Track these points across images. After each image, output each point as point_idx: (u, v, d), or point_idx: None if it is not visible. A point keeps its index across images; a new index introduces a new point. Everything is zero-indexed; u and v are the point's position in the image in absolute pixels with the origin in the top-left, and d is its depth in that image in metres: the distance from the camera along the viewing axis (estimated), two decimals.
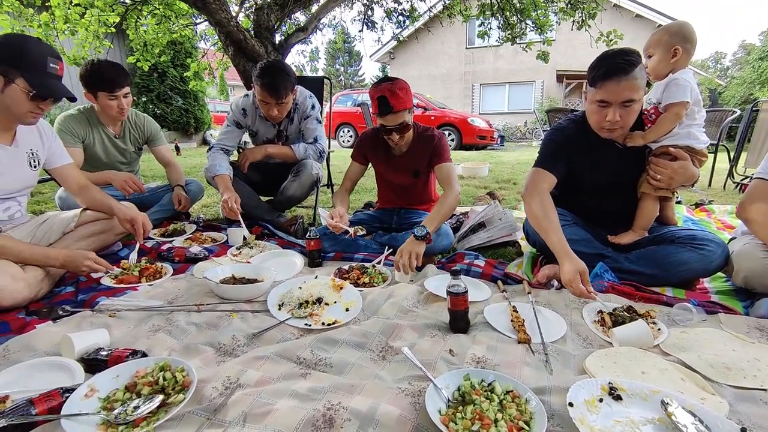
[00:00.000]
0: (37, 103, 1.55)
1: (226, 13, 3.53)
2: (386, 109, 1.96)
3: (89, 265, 1.61)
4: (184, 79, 8.75)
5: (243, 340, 1.30)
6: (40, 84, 1.51)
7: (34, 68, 1.51)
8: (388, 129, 2.03)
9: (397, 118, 1.99)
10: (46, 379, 1.09)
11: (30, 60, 1.50)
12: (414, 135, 2.19)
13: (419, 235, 1.81)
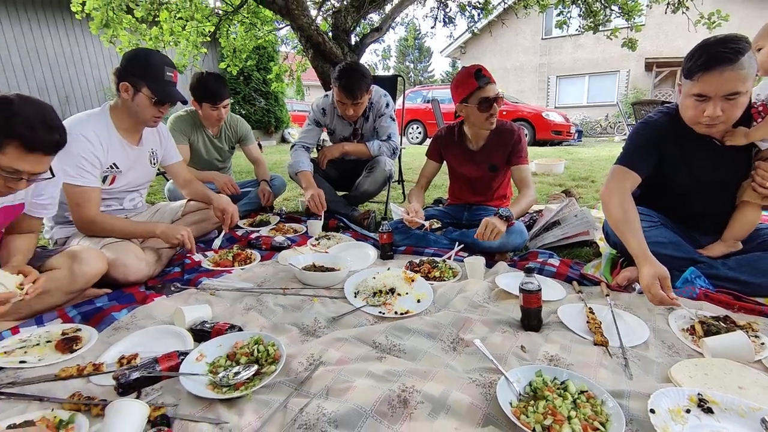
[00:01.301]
0: (158, 108, 1.80)
1: (307, 18, 3.75)
2: (484, 80, 2.03)
3: (183, 235, 1.79)
4: (267, 82, 9.38)
5: (323, 323, 1.42)
6: (161, 91, 1.76)
7: (155, 78, 1.75)
8: (490, 100, 2.04)
9: (495, 90, 2.05)
10: (164, 343, 1.29)
11: (152, 71, 1.75)
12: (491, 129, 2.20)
13: (504, 214, 1.91)
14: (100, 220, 1.75)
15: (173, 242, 1.81)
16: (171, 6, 4.60)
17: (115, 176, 1.84)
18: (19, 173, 1.18)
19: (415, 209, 2.14)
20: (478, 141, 2.25)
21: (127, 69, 1.74)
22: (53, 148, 1.22)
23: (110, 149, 1.78)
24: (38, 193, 1.45)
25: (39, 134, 1.17)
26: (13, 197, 1.35)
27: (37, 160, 1.19)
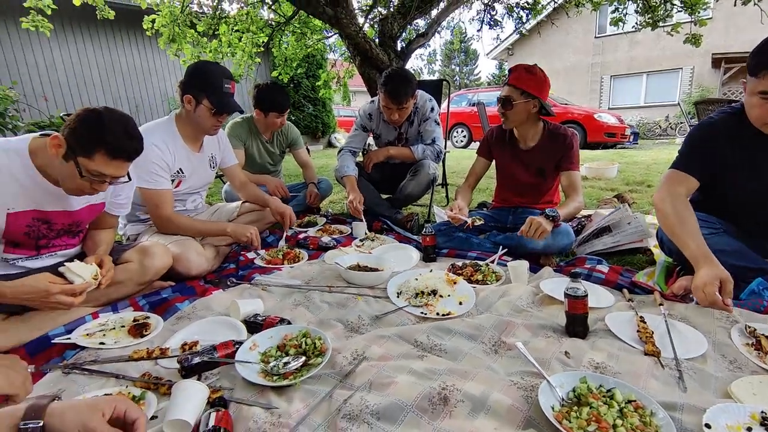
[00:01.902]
0: (217, 118, 1.94)
1: (354, 27, 3.86)
2: (505, 80, 2.11)
3: (251, 234, 1.97)
4: (315, 88, 9.71)
5: (367, 320, 1.47)
6: (219, 103, 1.90)
7: (214, 90, 1.89)
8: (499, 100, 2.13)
9: (504, 91, 2.10)
10: (221, 332, 1.39)
11: (212, 84, 1.89)
12: (543, 132, 2.18)
13: (550, 214, 1.90)
14: (175, 219, 1.92)
15: (242, 240, 1.98)
16: (229, 20, 4.92)
17: (180, 180, 2.01)
18: (104, 177, 1.32)
19: (459, 206, 2.15)
20: (527, 141, 2.22)
21: (190, 83, 1.89)
22: (133, 155, 1.36)
23: (176, 156, 1.94)
24: (116, 194, 1.62)
25: (122, 143, 1.31)
26: (96, 197, 1.51)
27: (119, 166, 1.34)
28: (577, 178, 2.14)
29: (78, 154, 1.27)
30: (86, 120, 1.27)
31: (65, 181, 1.33)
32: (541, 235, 1.85)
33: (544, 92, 2.08)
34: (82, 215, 1.52)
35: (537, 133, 2.19)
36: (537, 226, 1.85)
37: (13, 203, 1.32)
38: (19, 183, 1.31)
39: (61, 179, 1.33)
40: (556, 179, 2.27)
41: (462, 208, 2.15)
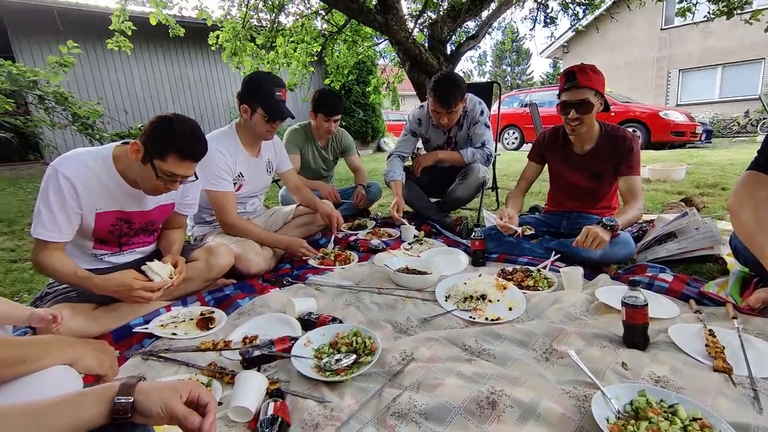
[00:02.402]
0: (271, 124, 2.07)
1: (404, 33, 3.92)
2: (570, 83, 1.94)
3: (302, 251, 2.10)
4: (365, 94, 9.92)
5: (415, 323, 1.50)
6: (272, 109, 2.03)
7: (267, 98, 2.02)
8: (567, 104, 1.96)
9: (578, 94, 1.93)
10: (278, 328, 1.48)
11: (265, 92, 2.03)
12: (601, 133, 2.08)
13: (608, 223, 1.80)
14: (239, 223, 2.07)
15: (296, 256, 2.13)
16: (285, 32, 5.18)
17: (240, 184, 2.16)
18: (176, 176, 1.46)
19: (509, 215, 2.10)
20: (583, 145, 2.12)
21: (245, 93, 2.05)
22: (199, 156, 1.50)
23: (237, 161, 2.10)
24: (184, 195, 1.78)
25: (190, 145, 1.45)
26: (166, 197, 1.67)
27: (188, 166, 1.48)
28: (636, 183, 2.01)
29: (154, 156, 1.41)
30: (160, 126, 1.42)
31: (144, 182, 1.48)
32: (599, 246, 1.76)
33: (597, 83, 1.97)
34: (155, 215, 1.68)
35: (594, 136, 2.09)
36: (594, 237, 1.76)
37: (100, 204, 1.49)
38: (105, 186, 1.48)
39: (141, 180, 1.49)
40: (614, 183, 2.15)
41: (512, 217, 2.10)
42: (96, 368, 1.07)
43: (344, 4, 3.86)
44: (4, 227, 3.24)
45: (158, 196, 1.59)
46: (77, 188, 1.41)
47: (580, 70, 1.93)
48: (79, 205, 1.43)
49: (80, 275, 1.41)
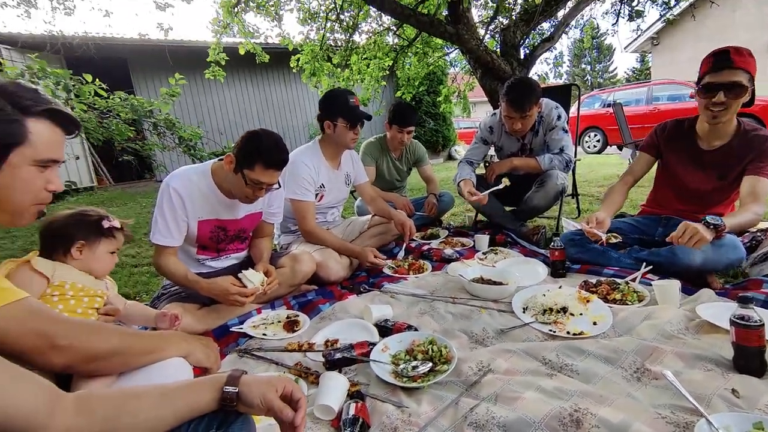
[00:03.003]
0: (353, 131, 2.23)
1: (476, 41, 3.90)
2: (723, 63, 1.69)
3: (372, 261, 2.18)
4: (435, 104, 9.96)
5: (492, 333, 1.48)
6: (351, 116, 2.19)
7: (343, 108, 2.19)
8: (713, 86, 1.71)
9: (731, 75, 1.68)
10: (357, 333, 1.55)
11: (340, 104, 2.20)
12: (736, 131, 1.84)
13: (712, 222, 1.58)
14: (317, 231, 2.22)
15: (365, 266, 2.22)
16: (359, 50, 5.43)
17: (322, 195, 2.32)
18: (262, 184, 1.63)
19: (599, 219, 1.91)
20: (712, 140, 1.88)
21: (324, 111, 2.24)
22: (282, 164, 1.65)
23: (319, 172, 2.26)
24: (270, 204, 1.95)
25: (275, 155, 1.60)
26: (253, 207, 1.84)
27: (273, 174, 1.63)
28: (763, 186, 1.74)
29: (243, 167, 1.59)
30: (248, 140, 1.61)
31: (236, 190, 1.67)
32: (697, 244, 1.54)
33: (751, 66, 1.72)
34: (246, 223, 1.87)
35: (729, 131, 1.84)
36: (693, 233, 1.54)
37: (202, 213, 1.71)
38: (205, 196, 1.70)
39: (233, 188, 1.68)
40: (736, 188, 1.88)
41: (601, 222, 1.90)
42: (204, 361, 1.22)
43: (415, 19, 3.95)
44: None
45: (248, 205, 1.77)
46: (184, 199, 1.64)
47: (736, 51, 1.69)
48: (186, 213, 1.66)
49: (190, 278, 1.62)
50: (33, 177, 0.88)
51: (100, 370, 1.00)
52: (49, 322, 0.88)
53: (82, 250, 1.28)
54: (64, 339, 0.89)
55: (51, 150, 0.89)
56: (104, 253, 1.33)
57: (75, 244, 1.27)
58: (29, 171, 0.86)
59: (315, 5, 5.32)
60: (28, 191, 0.88)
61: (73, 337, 0.91)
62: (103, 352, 0.96)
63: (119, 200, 6.38)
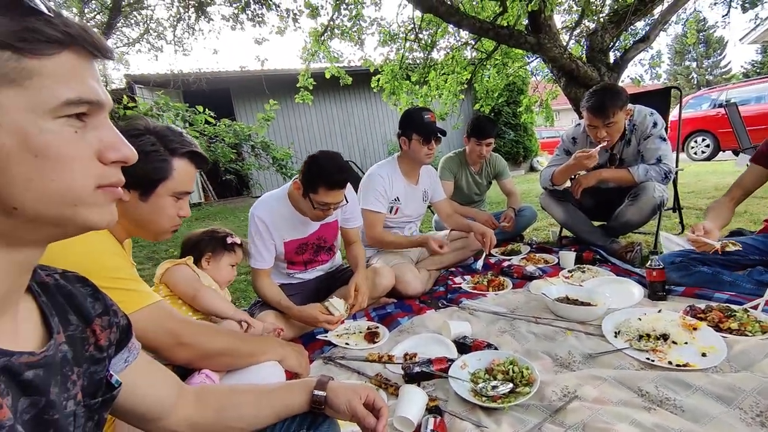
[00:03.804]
0: (427, 146, 2.28)
1: (558, 49, 3.74)
2: None
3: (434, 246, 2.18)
4: (516, 114, 9.66)
5: (578, 358, 1.39)
6: (424, 131, 2.25)
7: (418, 124, 2.26)
8: None
9: None
10: (435, 348, 1.56)
11: (415, 121, 2.28)
12: None
13: None
14: (383, 236, 2.33)
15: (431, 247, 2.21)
16: (437, 66, 5.51)
17: (397, 208, 2.40)
18: (328, 205, 1.73)
19: (706, 228, 1.69)
20: None
21: (401, 127, 2.34)
22: (344, 184, 1.73)
23: (394, 185, 2.36)
24: (344, 211, 2.05)
25: (335, 177, 1.69)
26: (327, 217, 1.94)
27: (336, 194, 1.72)
28: None
29: (308, 191, 1.71)
30: (309, 165, 1.72)
31: (307, 211, 1.80)
32: None
33: None
34: (323, 232, 2.00)
35: None
36: None
37: (285, 235, 1.88)
38: (286, 219, 1.87)
39: (306, 211, 1.81)
40: None
41: (709, 231, 1.69)
42: (296, 367, 1.34)
43: (494, 32, 3.92)
44: None
45: None
46: (267, 225, 1.83)
47: None
48: (271, 237, 1.84)
49: (283, 304, 1.78)
50: (171, 205, 1.09)
51: (212, 366, 1.15)
52: (178, 323, 1.06)
53: (210, 261, 1.60)
54: (188, 338, 1.06)
55: (186, 184, 1.11)
56: (226, 265, 1.64)
57: (204, 255, 1.60)
58: (168, 201, 1.08)
59: (395, 27, 5.53)
60: (167, 217, 1.10)
61: (195, 337, 1.08)
62: (215, 350, 1.12)
63: (221, 215, 7.16)
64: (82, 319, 0.60)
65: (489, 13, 5.11)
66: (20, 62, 0.41)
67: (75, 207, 0.47)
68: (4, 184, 0.42)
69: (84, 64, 0.46)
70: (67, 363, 0.55)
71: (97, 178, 0.48)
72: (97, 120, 0.48)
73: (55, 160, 0.44)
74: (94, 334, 0.61)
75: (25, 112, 0.42)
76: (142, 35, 7.93)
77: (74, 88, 0.44)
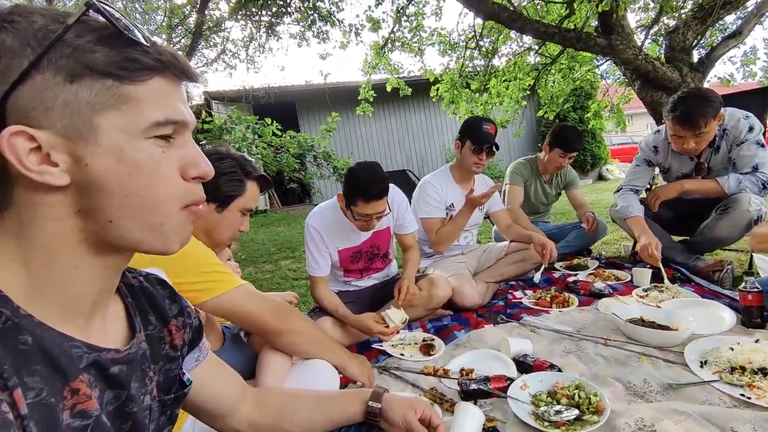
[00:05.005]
0: (477, 156, 2.26)
1: (633, 49, 3.48)
2: None
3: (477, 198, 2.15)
4: (582, 120, 9.13)
5: (656, 387, 1.27)
6: (478, 139, 2.23)
7: (474, 132, 2.25)
8: None
9: None
10: (493, 365, 1.50)
11: (473, 127, 2.27)
12: None
13: None
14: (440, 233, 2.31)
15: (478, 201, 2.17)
16: (498, 73, 5.38)
17: (451, 215, 2.37)
18: (368, 216, 1.74)
19: None
20: None
21: (460, 132, 2.34)
22: (381, 194, 1.71)
23: (448, 192, 2.36)
24: (396, 218, 2.05)
25: (371, 189, 1.69)
26: (379, 224, 1.93)
27: (375, 205, 1.72)
28: None
29: (349, 204, 1.74)
30: (347, 179, 1.75)
31: (353, 222, 1.82)
32: None
33: None
34: (375, 239, 2.01)
35: None
36: None
37: (338, 243, 1.93)
38: (338, 228, 1.91)
39: (352, 222, 1.83)
40: None
41: None
42: (358, 376, 1.37)
43: (560, 36, 3.75)
44: (290, 253, 4.43)
45: None
46: (321, 234, 1.88)
47: None
48: (326, 245, 1.90)
49: (340, 312, 1.81)
50: (237, 221, 1.30)
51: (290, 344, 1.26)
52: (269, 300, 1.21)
53: None
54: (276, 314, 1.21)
55: (253, 202, 1.33)
56: None
57: None
58: (237, 215, 1.29)
59: (455, 36, 5.49)
60: (232, 230, 1.31)
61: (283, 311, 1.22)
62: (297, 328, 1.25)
63: (285, 221, 7.54)
64: (160, 319, 0.66)
65: (554, 17, 4.89)
66: (120, 89, 0.46)
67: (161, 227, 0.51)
68: (103, 199, 0.47)
69: (172, 87, 0.50)
70: (145, 360, 0.60)
71: (182, 195, 0.52)
72: (182, 138, 0.52)
73: (146, 177, 0.48)
74: (170, 334, 0.67)
75: (121, 133, 0.46)
76: (218, 55, 8.63)
77: (162, 110, 0.48)
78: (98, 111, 0.45)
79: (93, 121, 0.45)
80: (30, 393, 0.42)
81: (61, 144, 0.44)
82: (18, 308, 0.45)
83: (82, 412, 0.46)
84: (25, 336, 0.44)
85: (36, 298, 0.46)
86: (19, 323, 0.44)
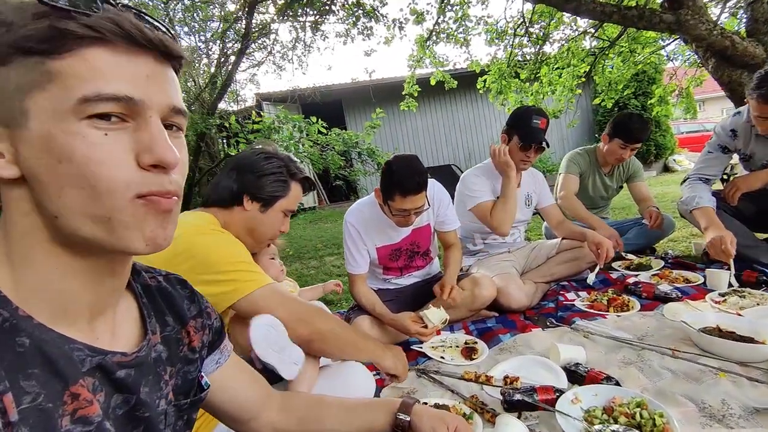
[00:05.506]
0: (525, 153, 2.10)
1: (706, 24, 3.11)
2: None
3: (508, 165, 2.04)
4: (645, 107, 8.42)
5: (737, 411, 1.09)
6: (527, 136, 2.06)
7: (523, 126, 2.08)
8: None
9: None
10: (540, 374, 1.39)
11: (523, 120, 2.10)
12: None
13: None
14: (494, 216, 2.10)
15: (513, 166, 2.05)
16: (550, 60, 5.08)
17: None
18: (406, 211, 1.67)
19: None
20: None
21: (507, 124, 2.19)
22: (419, 188, 1.63)
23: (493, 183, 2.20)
24: (437, 214, 1.96)
25: (407, 183, 1.61)
26: (419, 221, 1.86)
27: (413, 199, 1.64)
28: None
29: (386, 199, 1.68)
30: (384, 173, 1.69)
31: (391, 218, 1.76)
32: None
33: None
34: (415, 236, 1.94)
35: None
36: None
37: (377, 240, 1.88)
38: (376, 225, 1.86)
39: (391, 217, 1.77)
40: None
41: None
42: (392, 368, 1.34)
43: (619, 15, 3.43)
44: (335, 249, 4.47)
45: None
46: (359, 230, 1.84)
47: None
48: (363, 242, 1.86)
49: (378, 310, 1.77)
50: (279, 221, 1.29)
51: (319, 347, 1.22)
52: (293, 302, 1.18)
53: None
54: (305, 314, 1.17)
55: (294, 204, 1.31)
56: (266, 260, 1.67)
57: None
58: (279, 216, 1.29)
59: (502, 24, 5.25)
60: (274, 229, 1.29)
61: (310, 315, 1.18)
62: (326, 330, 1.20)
63: (332, 217, 7.66)
64: (178, 320, 0.64)
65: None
66: (44, 65, 0.40)
67: (109, 221, 0.43)
68: (42, 192, 0.43)
69: (118, 59, 0.42)
70: (161, 363, 0.58)
71: (136, 185, 0.43)
72: (142, 120, 0.44)
73: (82, 164, 0.41)
74: (188, 336, 0.64)
75: (49, 115, 0.40)
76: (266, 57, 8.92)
77: (96, 83, 0.40)
78: (26, 93, 0.40)
79: (23, 105, 0.40)
80: (25, 398, 0.40)
81: (2, 133, 0.42)
82: (17, 309, 0.43)
83: (83, 418, 0.44)
84: (23, 338, 0.42)
85: (31, 300, 0.45)
86: (17, 325, 0.42)
